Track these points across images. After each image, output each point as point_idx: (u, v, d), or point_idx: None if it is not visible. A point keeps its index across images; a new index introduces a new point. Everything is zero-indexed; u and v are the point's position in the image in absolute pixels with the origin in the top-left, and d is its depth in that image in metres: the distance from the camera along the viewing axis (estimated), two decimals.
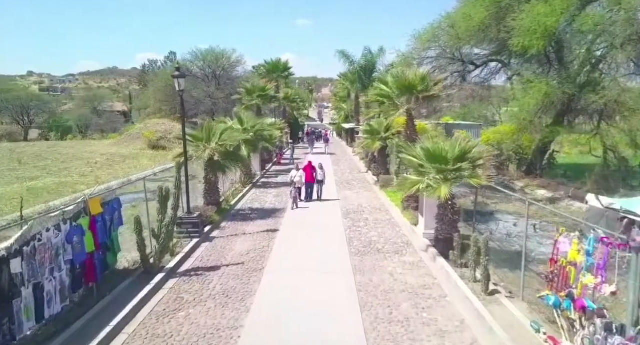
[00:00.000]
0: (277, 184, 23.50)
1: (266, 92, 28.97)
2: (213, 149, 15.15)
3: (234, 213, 16.70)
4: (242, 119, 22.27)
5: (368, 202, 18.62)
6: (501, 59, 21.57)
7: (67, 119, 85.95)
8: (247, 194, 20.63)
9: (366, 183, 23.76)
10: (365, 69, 30.67)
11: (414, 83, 14.37)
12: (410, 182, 10.82)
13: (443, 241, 10.99)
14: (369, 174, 26.38)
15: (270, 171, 29.27)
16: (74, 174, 26.51)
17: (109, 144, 48.01)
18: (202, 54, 53.20)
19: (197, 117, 56.51)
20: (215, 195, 15.74)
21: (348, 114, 48.93)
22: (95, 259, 8.65)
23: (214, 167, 15.43)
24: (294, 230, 14.25)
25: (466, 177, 10.28)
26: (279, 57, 38.78)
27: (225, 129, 15.96)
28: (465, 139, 11.04)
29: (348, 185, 23.11)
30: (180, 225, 12.61)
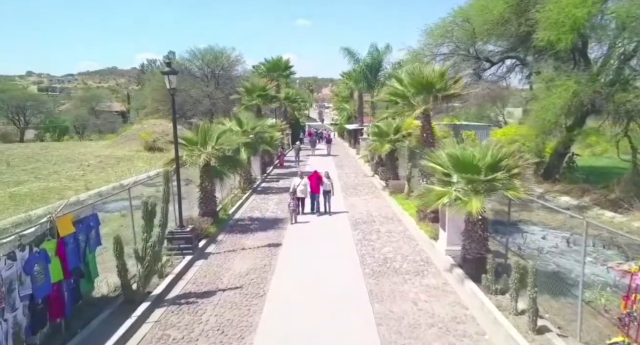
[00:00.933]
0: (279, 190, 22.04)
1: (267, 92, 27.55)
2: (209, 153, 13.72)
3: (232, 224, 15.24)
4: (241, 120, 20.83)
5: (378, 210, 17.17)
6: (518, 55, 20.14)
7: (63, 119, 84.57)
8: (246, 200, 19.18)
9: (373, 188, 22.31)
10: (371, 67, 29.23)
11: (432, 80, 12.93)
12: (436, 193, 9.37)
13: (472, 262, 9.55)
14: (376, 178, 24.94)
15: (271, 175, 27.83)
16: (63, 178, 25.05)
17: (104, 145, 46.54)
18: (200, 52, 51.74)
19: (195, 118, 55.16)
20: (211, 204, 14.29)
21: (351, 114, 47.49)
22: (64, 290, 7.21)
23: (210, 173, 13.99)
24: (298, 244, 12.80)
25: (501, 189, 8.82)
26: (279, 55, 37.35)
27: (223, 132, 14.53)
28: (497, 144, 9.58)
29: (354, 190, 21.66)
30: (172, 240, 11.18)
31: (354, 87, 40.02)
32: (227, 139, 14.42)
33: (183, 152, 14.14)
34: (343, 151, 45.01)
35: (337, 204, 17.89)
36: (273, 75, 37.76)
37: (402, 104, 14.00)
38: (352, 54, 29.27)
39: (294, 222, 14.96)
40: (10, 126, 77.38)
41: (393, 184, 19.63)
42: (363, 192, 21.29)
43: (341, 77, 49.69)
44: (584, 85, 14.39)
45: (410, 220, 15.08)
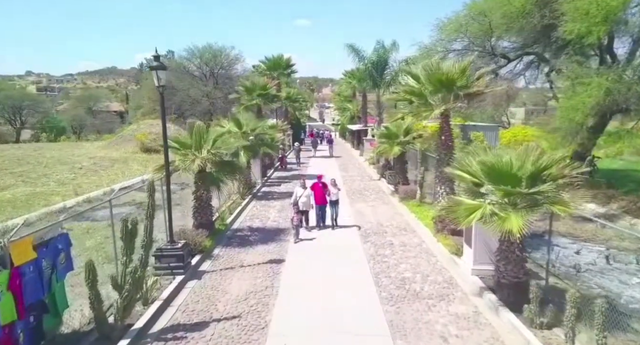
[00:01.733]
0: (281, 195, 20.67)
1: (267, 91, 26.18)
2: (204, 158, 12.36)
3: (230, 235, 13.87)
4: (240, 120, 19.46)
5: (388, 219, 15.81)
6: (536, 51, 18.77)
7: (60, 119, 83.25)
8: (246, 207, 17.81)
9: (381, 193, 20.94)
10: (377, 65, 27.83)
11: (452, 77, 11.57)
12: (466, 207, 8.00)
13: (508, 287, 8.19)
14: (383, 182, 23.57)
15: (272, 178, 26.46)
16: (52, 182, 23.70)
17: (99, 146, 45.20)
18: (199, 51, 50.37)
19: (193, 118, 53.86)
20: (207, 214, 12.93)
21: (354, 114, 46.10)
22: (19, 331, 5.85)
23: (205, 180, 12.63)
24: (303, 259, 11.43)
25: (546, 203, 7.46)
26: (280, 53, 35.96)
27: (220, 134, 13.16)
28: (536, 148, 8.22)
29: (361, 196, 20.29)
30: (160, 258, 9.83)
31: (358, 86, 38.62)
32: (225, 142, 13.06)
33: (176, 156, 12.81)
34: (346, 152, 43.64)
35: (343, 210, 16.51)
36: (273, 74, 36.36)
37: (417, 103, 12.63)
38: (356, 51, 27.89)
39: (297, 239, 12.88)
40: (6, 126, 76.11)
41: (403, 189, 18.27)
42: (370, 197, 19.93)
43: (343, 76, 48.24)
44: (617, 83, 13.04)
45: (426, 231, 13.71)
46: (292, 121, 45.67)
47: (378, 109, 29.30)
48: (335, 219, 14.54)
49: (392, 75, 28.28)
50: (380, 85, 28.46)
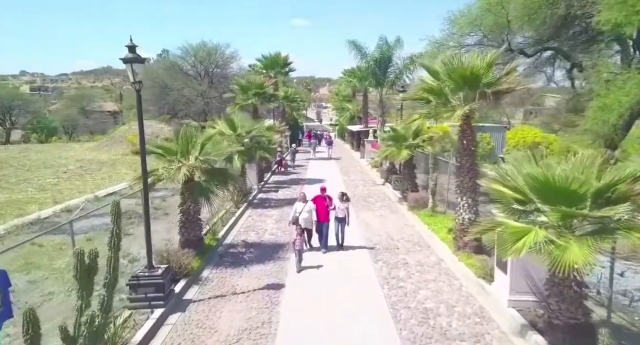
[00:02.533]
0: (279, 202, 19.08)
1: (264, 90, 24.56)
2: (192, 166, 10.76)
3: (222, 252, 12.25)
4: (234, 122, 17.84)
5: (399, 231, 14.24)
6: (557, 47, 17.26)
7: (52, 119, 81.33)
8: (241, 217, 16.19)
9: (388, 201, 19.37)
10: (380, 63, 26.24)
11: (478, 72, 10.00)
12: (513, 231, 6.40)
13: (563, 330, 6.62)
14: (388, 187, 22.02)
15: (270, 183, 24.85)
16: (32, 188, 22.01)
17: (89, 148, 43.50)
18: (193, 49, 48.64)
19: (188, 119, 52.17)
20: (195, 230, 11.32)
21: (354, 114, 44.54)
22: None
23: (194, 191, 11.01)
24: (306, 285, 9.83)
25: (621, 229, 5.90)
26: (278, 51, 34.38)
27: (209, 138, 11.53)
28: (597, 157, 6.66)
29: (366, 203, 18.72)
30: (137, 288, 8.22)
31: (359, 86, 37.05)
32: (216, 147, 11.44)
33: (159, 164, 11.21)
34: (346, 154, 42.10)
35: None
36: (271, 73, 34.74)
37: (436, 103, 11.06)
38: (359, 48, 26.31)
39: (300, 268, 10.51)
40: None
41: (413, 197, 16.69)
42: (377, 205, 18.35)
43: (343, 76, 46.73)
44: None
45: (443, 246, 12.15)
46: (289, 122, 44.08)
47: (381, 110, 27.75)
48: (342, 240, 12.18)
49: (397, 74, 26.72)
50: (383, 84, 26.89)
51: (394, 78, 26.80)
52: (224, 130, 17.79)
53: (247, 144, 18.01)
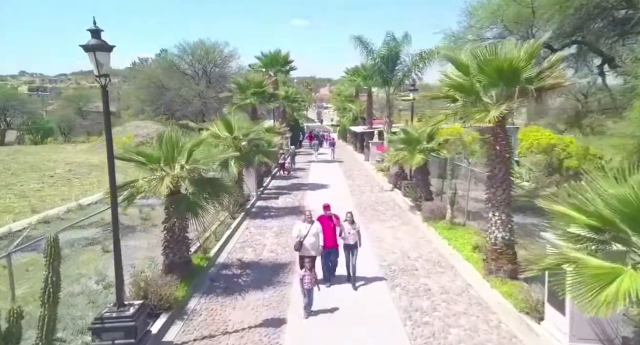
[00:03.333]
0: (279, 211, 17.44)
1: (263, 89, 22.88)
2: (177, 176, 9.13)
3: (213, 275, 10.60)
4: (230, 123, 16.20)
5: (415, 247, 12.60)
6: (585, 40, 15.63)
7: (47, 120, 79.75)
8: (236, 230, 14.56)
9: (398, 209, 17.73)
10: (387, 60, 24.57)
11: (517, 65, 8.37)
12: (596, 273, 4.74)
13: None
14: (397, 194, 20.38)
15: (269, 188, 23.22)
16: (13, 194, 20.36)
17: (82, 149, 41.86)
18: (190, 47, 46.99)
19: (185, 119, 50.58)
20: (181, 251, 9.69)
21: (357, 115, 42.89)
22: None
23: (180, 205, 9.36)
24: (311, 322, 8.18)
25: None
26: (277, 49, 32.72)
27: (199, 142, 9.87)
28: None
29: (374, 212, 17.07)
30: (101, 333, 6.57)
31: (363, 84, 35.44)
32: (206, 153, 9.80)
33: (140, 173, 9.58)
34: (348, 156, 40.47)
35: None
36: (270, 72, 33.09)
37: (464, 102, 9.41)
38: (364, 44, 24.64)
39: (309, 312, 8.28)
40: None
41: (428, 206, 15.05)
42: (386, 214, 16.71)
43: (345, 75, 45.12)
44: None
45: (469, 267, 10.52)
46: (290, 122, 42.46)
47: (388, 110, 26.09)
48: (354, 273, 9.64)
49: (404, 72, 25.06)
50: (390, 83, 25.24)
51: (402, 76, 25.15)
52: (219, 132, 16.16)
53: (244, 147, 16.38)
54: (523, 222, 14.90)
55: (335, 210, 10.29)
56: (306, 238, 9.07)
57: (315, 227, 9.25)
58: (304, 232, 9.09)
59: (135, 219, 15.76)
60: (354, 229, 9.62)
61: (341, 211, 10.59)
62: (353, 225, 9.66)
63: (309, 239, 9.08)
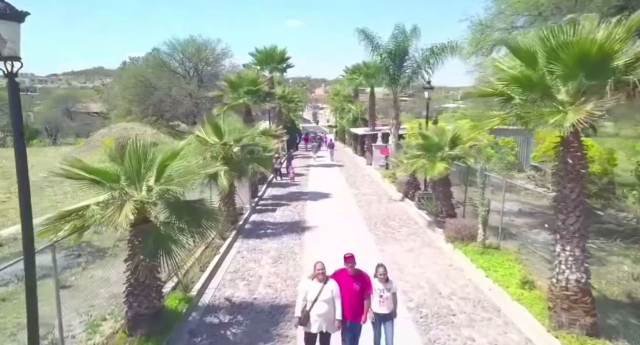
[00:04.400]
0: (276, 228, 15.07)
1: (258, 87, 20.43)
2: (142, 201, 6.74)
3: (193, 326, 8.19)
4: (219, 126, 13.83)
5: (445, 278, 10.28)
6: None
7: (33, 121, 76.81)
8: (226, 255, 12.17)
9: (413, 224, 15.41)
10: (395, 56, 22.25)
11: (610, 48, 6.07)
12: None
13: None
14: (409, 204, 18.07)
15: (265, 197, 20.83)
16: None
17: (65, 152, 39.22)
18: (180, 45, 44.44)
19: (175, 120, 48.03)
20: (149, 299, 7.29)
21: (357, 116, 40.56)
22: None
23: (147, 239, 6.96)
24: None
25: None
26: (273, 45, 30.31)
27: (174, 154, 7.45)
28: None
29: (387, 229, 14.73)
30: None
31: (365, 83, 33.16)
32: (183, 168, 7.39)
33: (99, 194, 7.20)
34: (348, 159, 38.18)
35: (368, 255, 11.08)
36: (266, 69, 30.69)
37: (521, 101, 7.10)
38: (369, 38, 22.30)
39: None
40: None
41: (453, 224, 12.72)
42: (401, 232, 14.39)
43: (344, 73, 42.72)
44: None
45: (522, 311, 8.21)
46: (286, 124, 40.07)
47: (395, 110, 23.76)
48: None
49: (414, 68, 22.77)
50: (398, 81, 22.93)
51: (411, 73, 22.86)
52: (207, 137, 13.79)
53: (236, 154, 14.01)
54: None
55: (342, 225, 7.94)
56: (315, 305, 6.00)
57: (329, 289, 6.10)
58: (313, 295, 6.04)
59: (108, 239, 13.36)
60: (388, 291, 6.43)
61: (350, 228, 8.24)
62: (387, 285, 6.46)
63: (319, 307, 5.99)
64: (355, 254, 6.52)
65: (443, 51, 21.57)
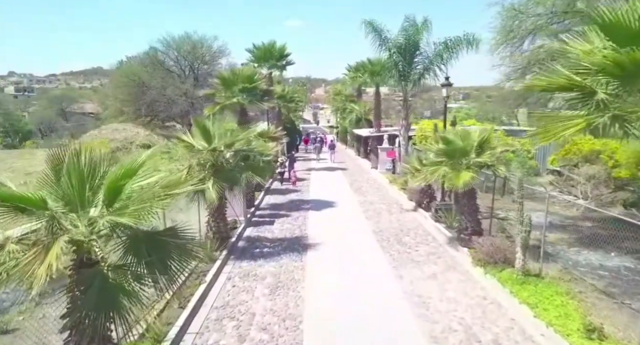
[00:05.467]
0: (274, 246, 13.09)
1: (254, 84, 18.33)
2: (84, 240, 4.76)
3: None
4: (207, 129, 11.85)
5: (483, 319, 8.29)
6: None
7: (26, 122, 74.97)
8: (213, 284, 10.17)
9: (432, 240, 13.42)
10: (405, 50, 20.31)
11: None
12: None
13: None
14: (424, 216, 16.10)
15: (262, 207, 18.86)
16: None
17: None
18: (175, 42, 42.42)
19: (171, 121, 46.05)
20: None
21: (360, 116, 38.53)
22: None
23: (90, 293, 4.96)
24: None
25: None
26: (272, 40, 28.29)
27: (132, 169, 5.45)
28: None
29: (403, 247, 12.74)
30: None
31: (370, 81, 31.17)
32: (147, 189, 5.39)
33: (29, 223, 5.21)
34: (351, 161, 36.25)
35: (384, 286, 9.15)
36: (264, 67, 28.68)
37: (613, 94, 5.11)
38: (377, 31, 20.35)
39: None
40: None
41: (485, 248, 10.71)
42: (420, 251, 12.40)
43: (347, 72, 40.65)
44: None
45: None
46: (286, 125, 38.08)
47: (405, 111, 21.76)
48: None
49: (425, 64, 20.81)
50: (408, 78, 20.98)
51: (422, 70, 20.89)
52: (193, 141, 11.82)
53: (228, 161, 12.03)
54: (611, 264, 10.75)
55: (349, 242, 6.06)
56: None
57: None
58: None
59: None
60: None
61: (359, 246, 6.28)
62: None
63: None
64: (370, 281, 4.53)
65: (458, 45, 19.60)
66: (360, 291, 9.43)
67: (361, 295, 9.23)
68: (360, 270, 10.77)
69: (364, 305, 8.80)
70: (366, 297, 9.13)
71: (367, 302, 8.91)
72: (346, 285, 9.78)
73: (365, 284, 9.75)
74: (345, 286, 9.72)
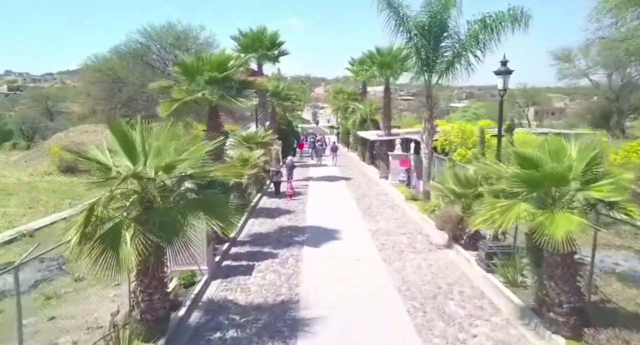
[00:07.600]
0: (245, 323, 8.25)
1: (225, 73, 12.74)
2: None
3: None
4: (129, 140, 7.07)
5: None
6: None
7: (5, 122, 70.39)
8: None
9: (496, 315, 8.57)
10: (428, 32, 15.58)
11: None
12: None
13: None
14: (467, 259, 11.29)
15: (241, 240, 14.04)
16: None
17: (15, 160, 32.56)
18: (156, 33, 37.56)
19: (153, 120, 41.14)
20: None
21: (366, 116, 33.70)
22: None
23: None
24: None
25: None
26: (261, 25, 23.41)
27: None
28: None
29: (454, 329, 7.94)
30: None
31: (378, 74, 26.29)
32: None
33: None
34: (355, 168, 31.56)
35: None
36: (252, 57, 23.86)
37: None
38: (393, 7, 15.60)
39: None
40: None
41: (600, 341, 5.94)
42: (480, 338, 7.59)
43: (350, 66, 35.78)
44: None
45: None
46: (281, 126, 33.31)
47: (429, 110, 16.88)
48: None
49: (456, 50, 16.04)
50: (434, 68, 16.19)
51: (451, 57, 16.10)
52: (107, 161, 7.06)
53: (164, 195, 7.20)
54: None
55: (364, 317, 5.11)
56: None
57: None
58: None
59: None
60: None
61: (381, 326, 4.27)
62: None
63: None
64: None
65: (501, 23, 14.83)
66: None
67: None
68: None
69: None
70: None
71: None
72: None
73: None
74: None
